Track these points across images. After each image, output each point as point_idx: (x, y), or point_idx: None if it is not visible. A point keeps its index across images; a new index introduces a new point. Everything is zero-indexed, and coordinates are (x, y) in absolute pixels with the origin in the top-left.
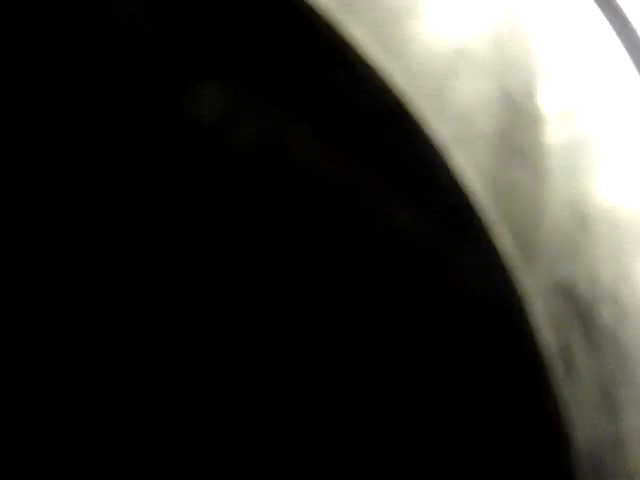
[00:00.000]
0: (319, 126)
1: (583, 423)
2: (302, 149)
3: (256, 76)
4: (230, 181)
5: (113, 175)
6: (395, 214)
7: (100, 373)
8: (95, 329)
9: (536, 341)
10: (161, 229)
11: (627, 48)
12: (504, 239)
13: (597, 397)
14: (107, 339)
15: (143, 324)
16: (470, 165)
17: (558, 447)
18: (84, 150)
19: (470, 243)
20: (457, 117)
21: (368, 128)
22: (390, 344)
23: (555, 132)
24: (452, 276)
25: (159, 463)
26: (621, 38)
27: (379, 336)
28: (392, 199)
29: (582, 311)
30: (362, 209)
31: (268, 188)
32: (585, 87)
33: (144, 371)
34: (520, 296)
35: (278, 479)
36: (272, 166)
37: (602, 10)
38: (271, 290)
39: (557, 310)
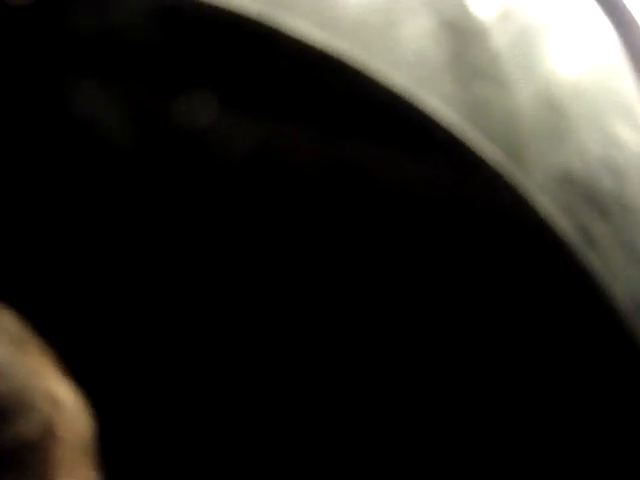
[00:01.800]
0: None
1: (618, 282)
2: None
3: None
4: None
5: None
6: (389, 172)
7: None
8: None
9: (552, 230)
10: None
11: None
12: (491, 154)
13: (623, 256)
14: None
15: (143, 324)
16: (436, 99)
17: (602, 308)
18: (76, 154)
19: (462, 170)
20: (409, 60)
21: (333, 104)
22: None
23: (499, 36)
24: (457, 206)
25: (159, 463)
26: None
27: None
28: (380, 160)
29: (585, 189)
30: (359, 179)
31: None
32: None
33: (144, 371)
34: (523, 197)
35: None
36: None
37: None
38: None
39: (562, 197)
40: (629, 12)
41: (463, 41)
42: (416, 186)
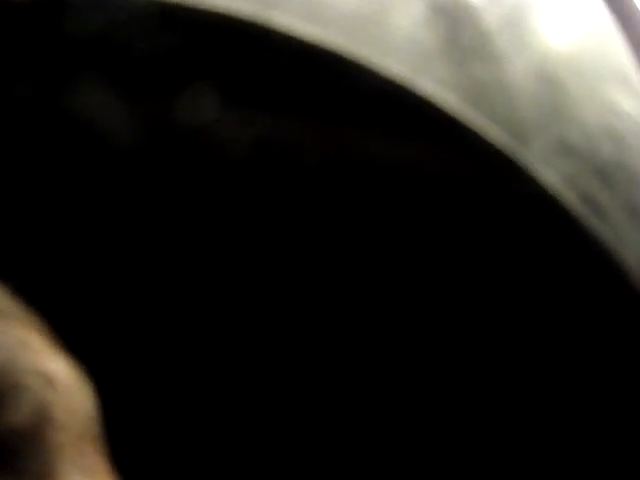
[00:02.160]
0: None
1: (625, 247)
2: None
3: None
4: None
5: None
6: (390, 158)
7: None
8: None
9: (557, 201)
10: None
11: None
12: (491, 131)
13: (629, 221)
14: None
15: (145, 320)
16: (432, 82)
17: (611, 273)
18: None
19: (463, 150)
20: (402, 46)
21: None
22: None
23: (490, 15)
24: (462, 186)
25: (159, 463)
26: None
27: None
28: (382, 147)
29: (587, 159)
30: (362, 167)
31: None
32: None
33: (144, 371)
34: (526, 171)
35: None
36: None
37: None
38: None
39: (565, 168)
40: None
41: (454, 24)
42: (418, 169)
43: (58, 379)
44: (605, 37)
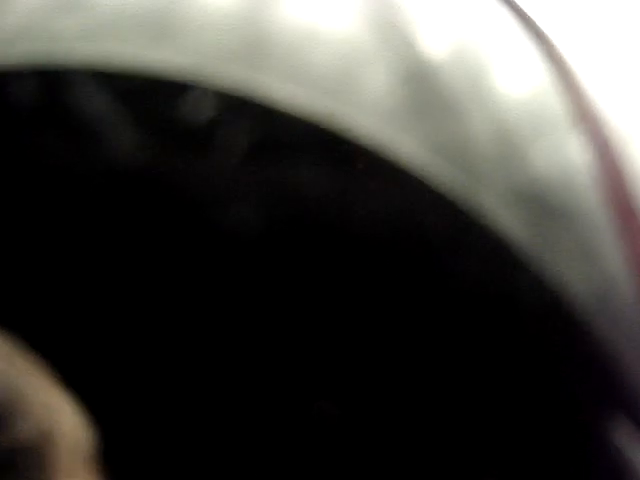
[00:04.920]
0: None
1: (578, 281)
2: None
3: None
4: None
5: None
6: (360, 207)
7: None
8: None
9: (511, 243)
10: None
11: None
12: (452, 181)
13: (580, 257)
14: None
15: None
16: (398, 136)
17: (559, 303)
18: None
19: (424, 197)
20: (372, 103)
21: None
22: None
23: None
24: (423, 232)
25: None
26: None
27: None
28: (354, 197)
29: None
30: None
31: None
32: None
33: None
34: (483, 216)
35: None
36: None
37: None
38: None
39: (519, 212)
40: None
41: (417, 81)
42: (384, 218)
43: (59, 410)
44: (549, 88)
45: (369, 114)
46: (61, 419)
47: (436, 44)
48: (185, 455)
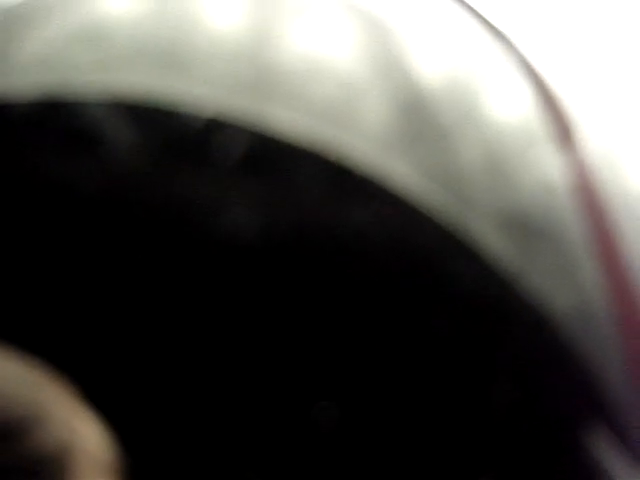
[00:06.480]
0: None
1: (559, 299)
2: None
3: None
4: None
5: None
6: (347, 232)
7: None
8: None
9: (498, 264)
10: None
11: None
12: (444, 203)
13: (561, 277)
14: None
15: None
16: (393, 162)
17: (542, 322)
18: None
19: (418, 222)
20: (369, 131)
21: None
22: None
23: (443, 102)
24: (410, 256)
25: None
26: None
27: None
28: (342, 222)
29: (524, 225)
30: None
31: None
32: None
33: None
34: (471, 238)
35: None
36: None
37: None
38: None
39: (506, 235)
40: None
41: (411, 110)
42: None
43: (79, 425)
44: (535, 118)
45: (366, 141)
46: (82, 433)
47: (430, 74)
48: (195, 460)
